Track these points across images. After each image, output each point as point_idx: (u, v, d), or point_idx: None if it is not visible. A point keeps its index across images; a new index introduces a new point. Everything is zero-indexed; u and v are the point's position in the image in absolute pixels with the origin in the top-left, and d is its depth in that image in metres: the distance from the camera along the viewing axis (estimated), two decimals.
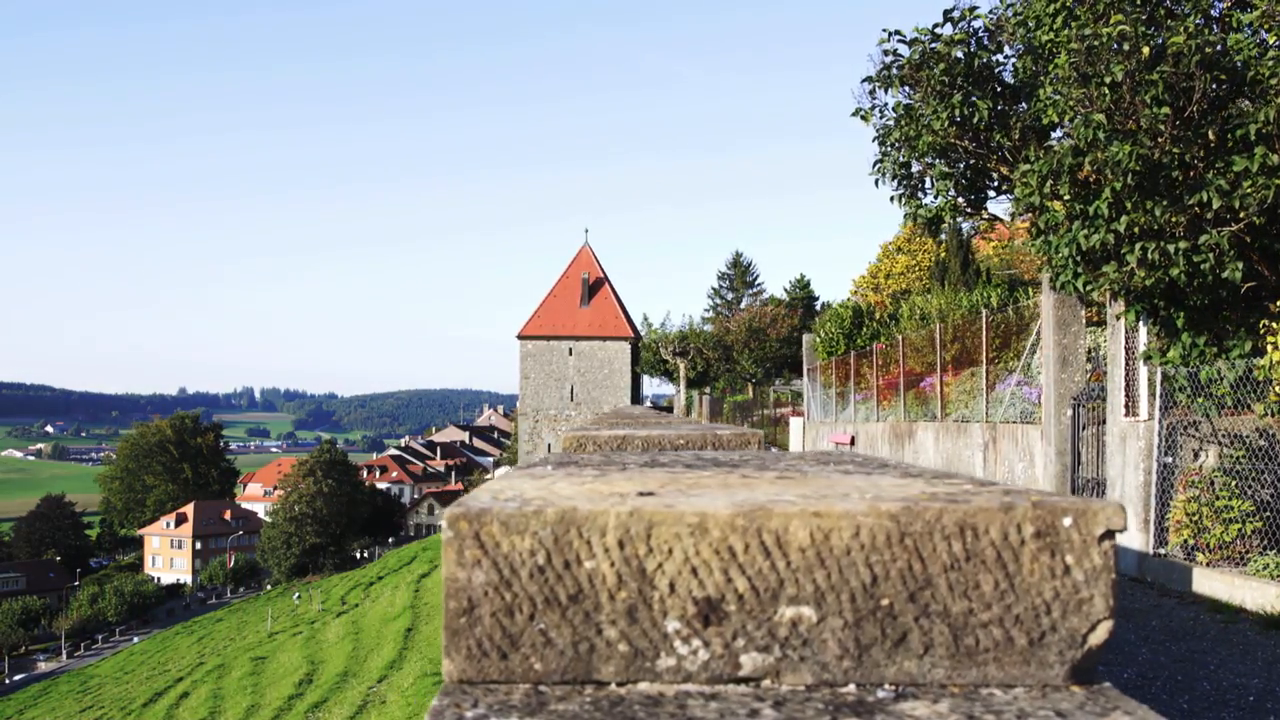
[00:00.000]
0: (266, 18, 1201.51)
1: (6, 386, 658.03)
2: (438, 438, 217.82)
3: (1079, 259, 10.79)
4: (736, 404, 61.22)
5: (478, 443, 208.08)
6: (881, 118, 13.73)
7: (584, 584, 1.33)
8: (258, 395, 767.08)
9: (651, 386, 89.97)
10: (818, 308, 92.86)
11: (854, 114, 13.96)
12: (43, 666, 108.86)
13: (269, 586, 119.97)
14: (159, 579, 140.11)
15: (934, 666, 1.29)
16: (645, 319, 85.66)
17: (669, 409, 68.19)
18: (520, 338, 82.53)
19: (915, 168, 13.82)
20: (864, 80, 13.69)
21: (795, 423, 41.05)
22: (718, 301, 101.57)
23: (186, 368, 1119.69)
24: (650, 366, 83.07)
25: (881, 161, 13.83)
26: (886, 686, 1.29)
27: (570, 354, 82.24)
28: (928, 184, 14.02)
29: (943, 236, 58.17)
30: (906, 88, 13.23)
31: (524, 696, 1.28)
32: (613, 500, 1.40)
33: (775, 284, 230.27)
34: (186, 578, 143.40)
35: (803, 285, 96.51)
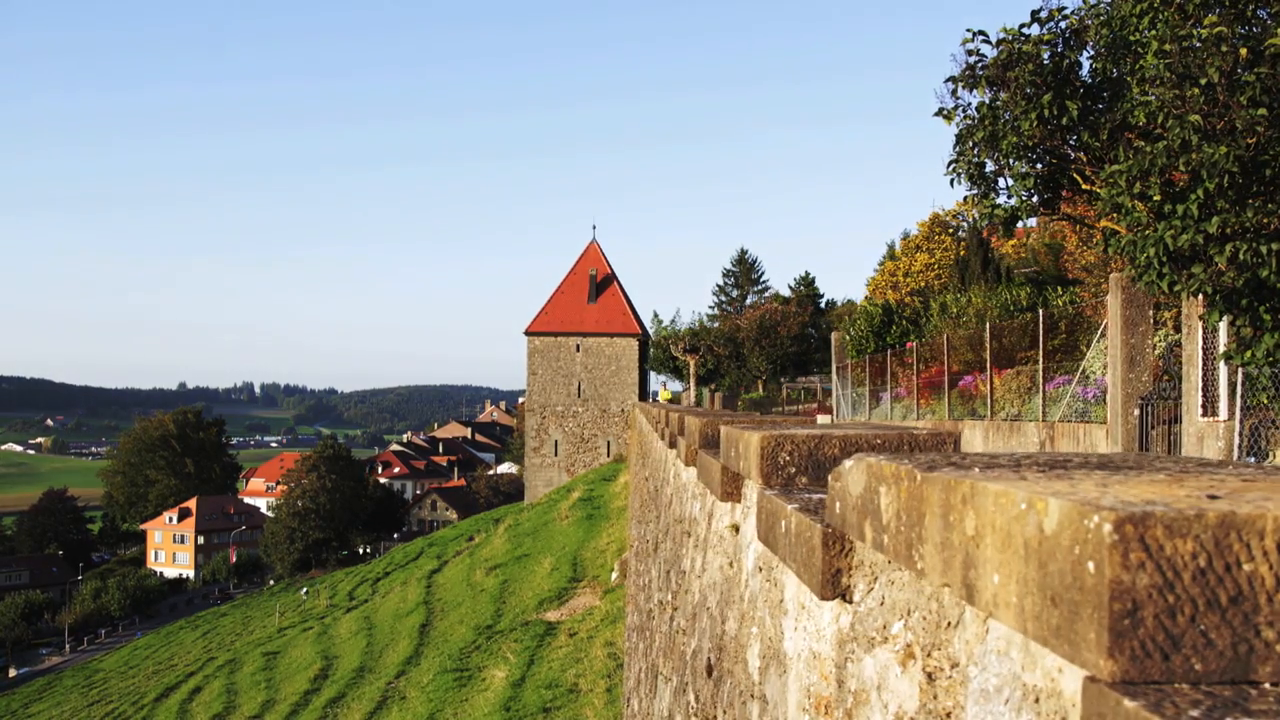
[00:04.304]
0: (259, 21, 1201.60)
1: (7, 380, 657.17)
2: (440, 433, 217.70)
3: (1164, 259, 10.81)
4: (752, 401, 61.17)
5: (480, 439, 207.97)
6: (964, 117, 13.71)
7: (1243, 586, 1.35)
8: (258, 390, 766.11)
9: (658, 383, 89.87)
10: (823, 305, 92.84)
11: (936, 114, 13.92)
12: (46, 661, 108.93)
13: (272, 582, 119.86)
14: (162, 573, 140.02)
15: None
16: (655, 316, 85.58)
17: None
18: (528, 334, 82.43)
19: (989, 167, 13.81)
20: (947, 80, 13.63)
21: (823, 420, 41.01)
22: (723, 299, 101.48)
23: (187, 363, 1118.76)
24: (659, 363, 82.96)
25: (957, 161, 13.81)
26: None
27: (578, 350, 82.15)
28: (1001, 184, 13.99)
29: (961, 235, 58.13)
30: (992, 88, 13.21)
31: (1194, 697, 1.31)
32: (1209, 503, 1.43)
33: (780, 281, 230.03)
34: (189, 572, 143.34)
35: (808, 283, 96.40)
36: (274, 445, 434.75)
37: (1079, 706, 1.53)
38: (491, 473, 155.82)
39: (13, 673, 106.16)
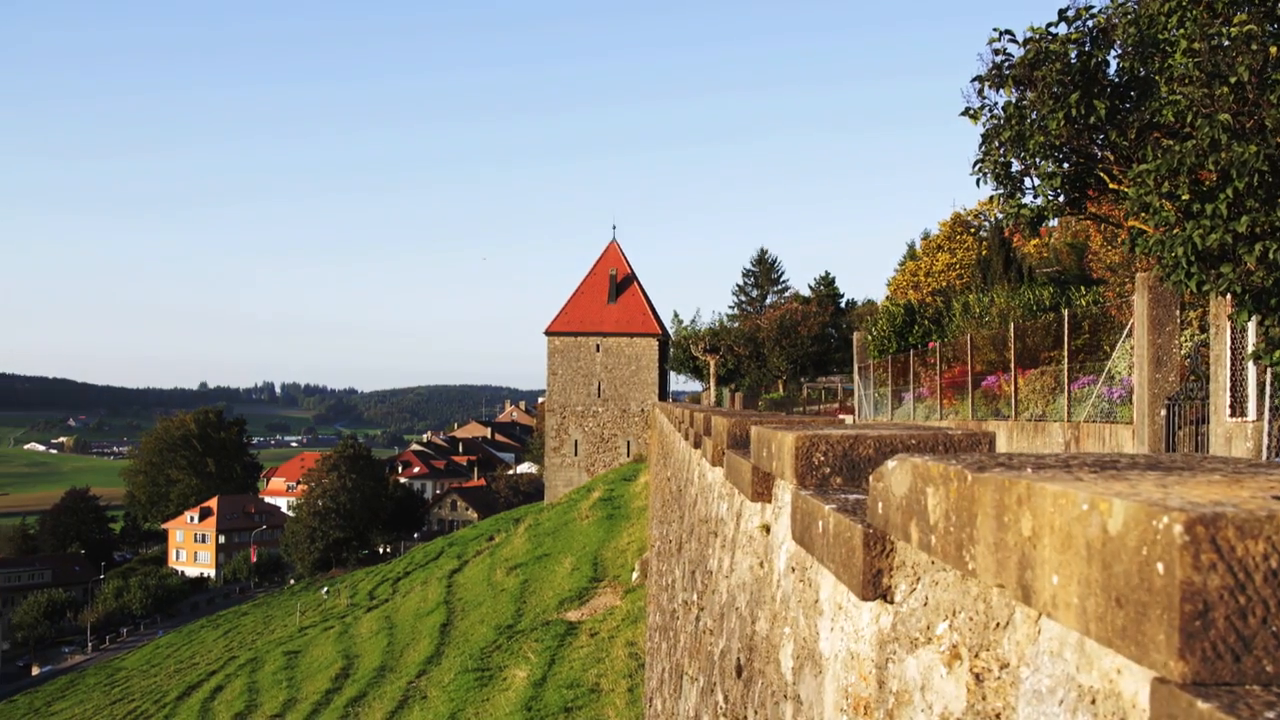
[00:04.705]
0: (280, 24, 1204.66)
1: (29, 380, 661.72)
2: (460, 433, 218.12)
3: (1193, 259, 10.76)
4: (772, 401, 61.13)
5: (500, 439, 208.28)
6: (990, 117, 13.66)
7: None
8: (278, 390, 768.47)
9: (678, 383, 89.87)
10: (843, 305, 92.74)
11: (963, 113, 13.88)
12: (69, 659, 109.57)
13: (293, 581, 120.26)
14: (183, 572, 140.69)
15: None
16: (675, 316, 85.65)
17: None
18: (548, 334, 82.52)
19: (1015, 167, 13.76)
20: (973, 80, 13.59)
21: (847, 421, 40.99)
22: (743, 299, 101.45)
23: (207, 363, 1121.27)
24: (679, 363, 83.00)
25: (983, 161, 13.76)
26: None
27: (598, 350, 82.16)
28: (1027, 184, 13.94)
29: (983, 235, 58.00)
30: (1019, 87, 13.16)
31: (1268, 699, 1.29)
32: (1277, 504, 1.42)
33: (800, 281, 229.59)
34: (210, 571, 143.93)
35: (828, 283, 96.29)
36: (294, 445, 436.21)
37: (1145, 708, 1.52)
38: (511, 472, 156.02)
39: (36, 671, 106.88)
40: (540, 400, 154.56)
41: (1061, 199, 13.83)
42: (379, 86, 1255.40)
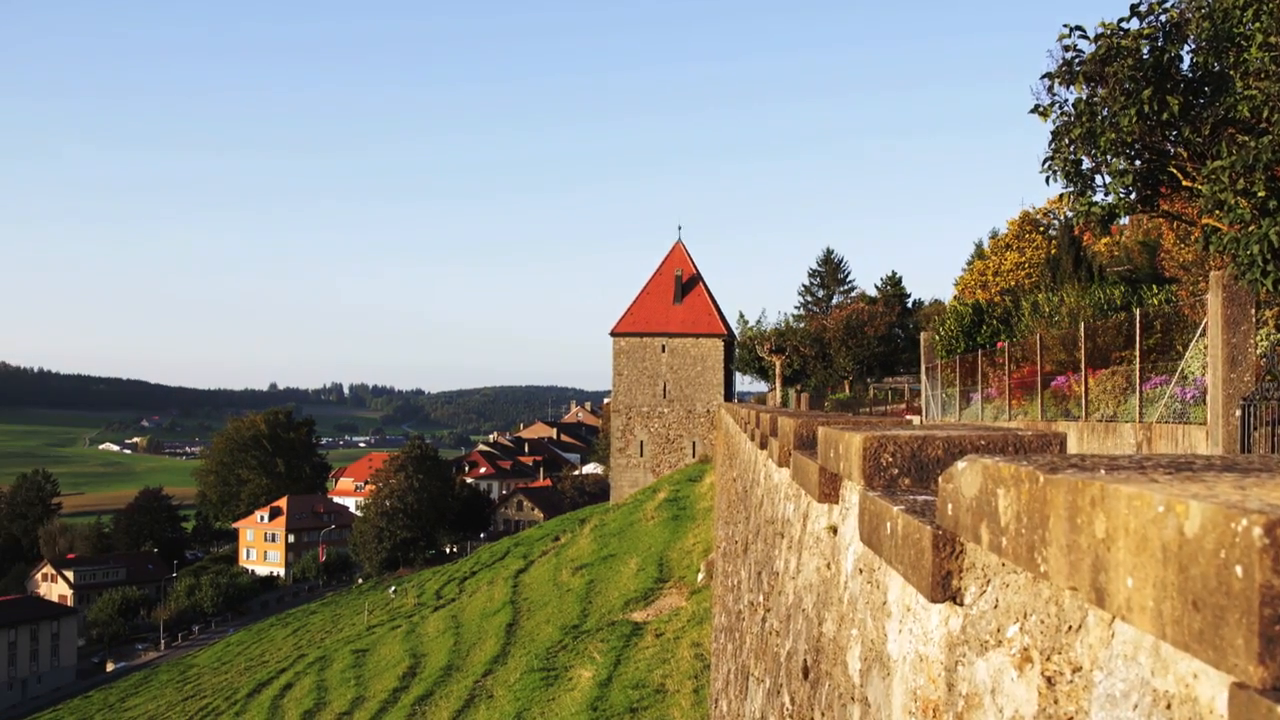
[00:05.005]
0: (383, 25, 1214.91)
1: (104, 382, 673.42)
2: (526, 434, 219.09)
3: (1269, 256, 10.57)
4: (839, 401, 60.86)
5: (565, 439, 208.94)
6: (1060, 114, 13.49)
7: None
8: (346, 391, 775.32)
9: (743, 384, 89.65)
10: (910, 305, 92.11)
11: (1032, 110, 13.72)
12: (142, 656, 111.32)
13: (360, 580, 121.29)
14: (253, 571, 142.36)
15: None
16: (741, 316, 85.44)
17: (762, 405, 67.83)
18: (613, 335, 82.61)
19: (1086, 164, 13.58)
20: (1043, 76, 13.42)
21: (914, 422, 40.69)
22: (809, 299, 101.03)
23: (277, 364, 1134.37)
24: (744, 364, 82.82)
25: (1053, 159, 13.60)
26: None
27: (663, 351, 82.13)
28: (1098, 181, 13.75)
29: (1052, 233, 57.40)
30: (1090, 84, 12.99)
31: None
32: None
33: (866, 281, 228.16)
34: (280, 570, 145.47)
35: (895, 283, 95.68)
36: (362, 445, 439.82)
37: (1223, 713, 1.49)
38: (577, 473, 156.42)
39: (110, 667, 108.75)
40: (605, 401, 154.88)
41: (1133, 196, 13.63)
42: (454, 93, 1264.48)
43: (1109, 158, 13.28)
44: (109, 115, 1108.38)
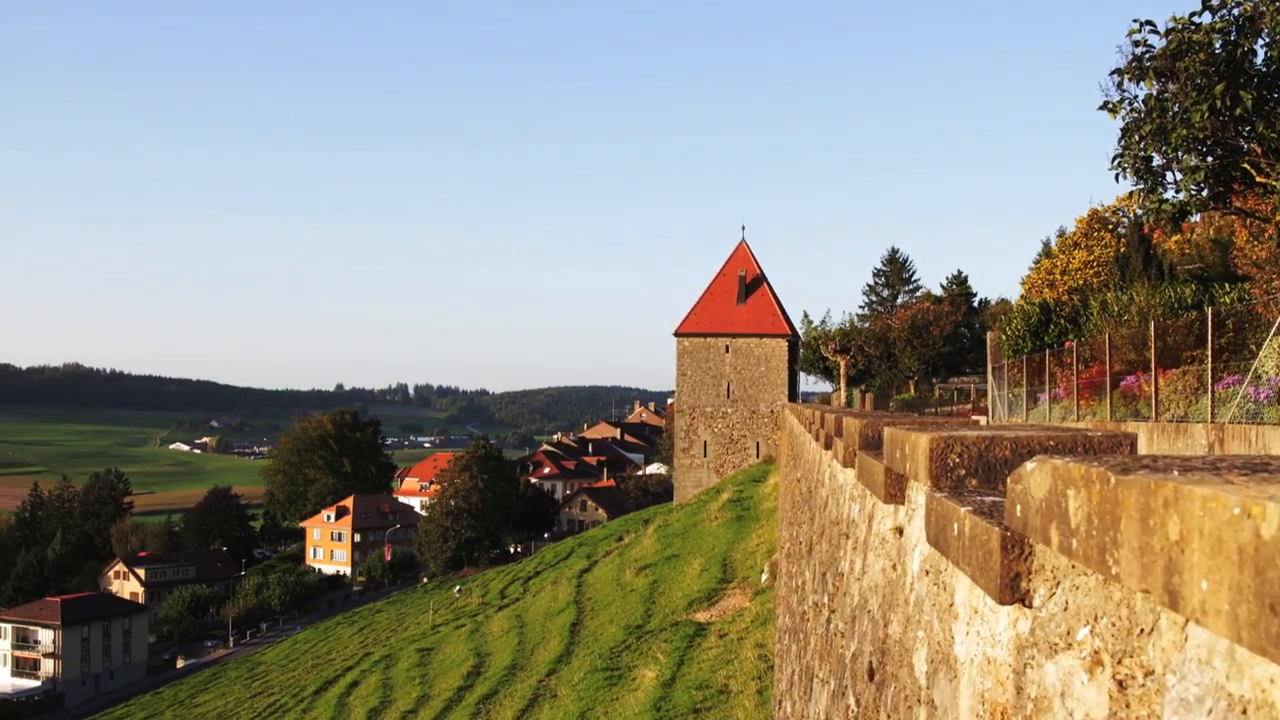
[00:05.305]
0: (456, 34, 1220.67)
1: (174, 383, 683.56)
2: (589, 434, 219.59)
3: None
4: (903, 401, 60.51)
5: (629, 439, 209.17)
6: (1130, 110, 13.31)
7: None
8: (411, 391, 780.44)
9: (807, 384, 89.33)
10: (976, 305, 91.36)
11: (1101, 107, 13.55)
12: (211, 653, 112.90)
13: (425, 579, 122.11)
14: (320, 570, 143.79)
15: None
16: (805, 316, 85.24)
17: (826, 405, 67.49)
18: (677, 335, 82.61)
19: (1156, 161, 13.39)
20: (1112, 72, 13.25)
21: (980, 422, 40.41)
22: (874, 299, 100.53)
23: (343, 364, 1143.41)
24: (808, 364, 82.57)
25: (1122, 156, 13.43)
26: None
27: (727, 351, 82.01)
28: (1169, 178, 13.55)
29: (1121, 231, 56.72)
30: (1160, 79, 12.80)
31: None
32: None
33: (931, 280, 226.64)
34: (346, 569, 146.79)
35: (960, 282, 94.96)
36: (427, 445, 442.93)
37: None
38: (640, 473, 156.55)
39: (180, 663, 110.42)
40: (669, 401, 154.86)
41: (1205, 193, 13.42)
42: (526, 94, 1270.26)
43: (1180, 154, 13.07)
44: (185, 110, 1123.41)
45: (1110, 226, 62.04)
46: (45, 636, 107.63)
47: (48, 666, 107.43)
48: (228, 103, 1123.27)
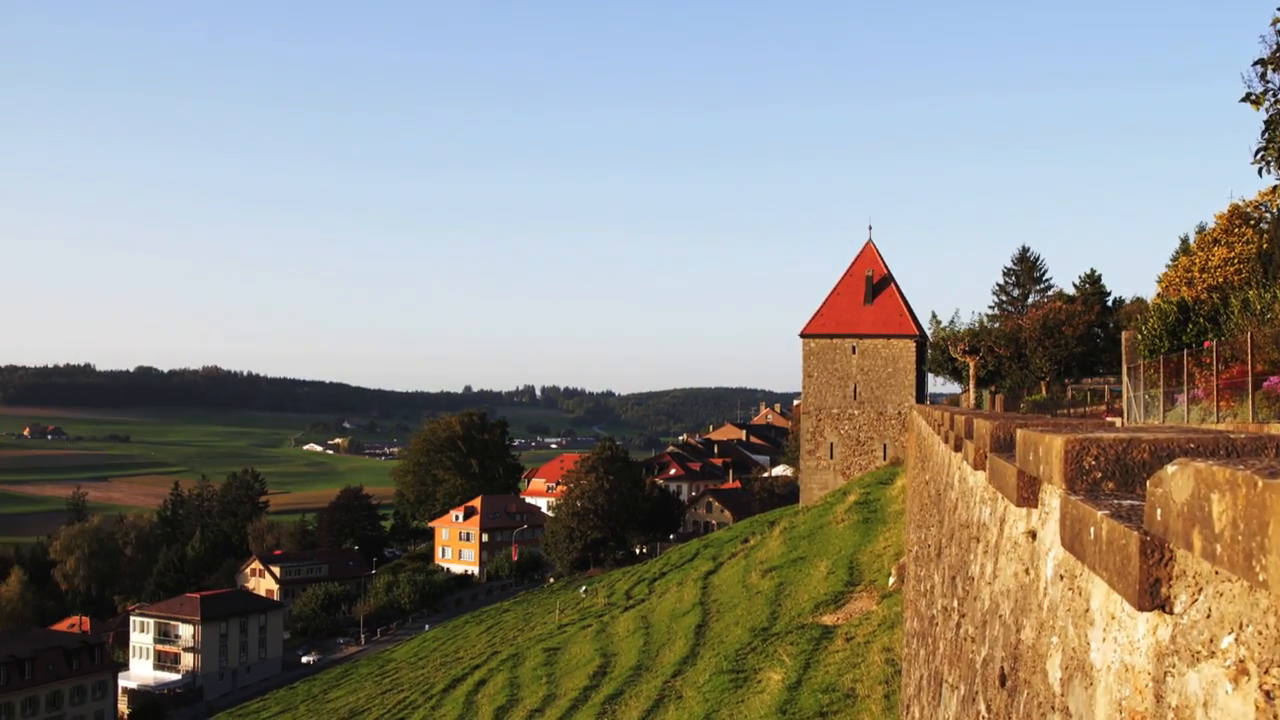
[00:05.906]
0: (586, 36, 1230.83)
1: (308, 385, 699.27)
2: (715, 435, 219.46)
3: None
4: (1035, 403, 59.42)
5: (754, 441, 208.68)
6: (1274, 102, 12.91)
7: None
8: (538, 393, 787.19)
9: (935, 385, 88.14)
10: (1110, 304, 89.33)
11: (1243, 99, 13.16)
12: (343, 650, 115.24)
13: (552, 579, 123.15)
14: (448, 569, 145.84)
15: None
16: (933, 317, 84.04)
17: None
18: (803, 336, 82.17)
19: None
20: (1255, 63, 12.87)
21: (1115, 424, 39.52)
22: (1003, 298, 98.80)
23: (471, 366, 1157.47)
24: (936, 365, 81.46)
25: (1265, 149, 13.04)
26: None
27: (853, 352, 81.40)
28: None
29: (1264, 227, 55.08)
30: None
31: None
32: None
33: (1064, 279, 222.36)
34: (474, 569, 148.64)
35: (1094, 280, 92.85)
36: (554, 446, 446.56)
37: None
38: (766, 475, 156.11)
39: (313, 659, 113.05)
40: (795, 403, 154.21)
41: None
42: (628, 112, 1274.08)
43: None
44: (305, 123, 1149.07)
45: (1252, 222, 60.16)
46: (185, 631, 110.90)
47: (187, 660, 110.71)
48: (379, 119, 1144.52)
